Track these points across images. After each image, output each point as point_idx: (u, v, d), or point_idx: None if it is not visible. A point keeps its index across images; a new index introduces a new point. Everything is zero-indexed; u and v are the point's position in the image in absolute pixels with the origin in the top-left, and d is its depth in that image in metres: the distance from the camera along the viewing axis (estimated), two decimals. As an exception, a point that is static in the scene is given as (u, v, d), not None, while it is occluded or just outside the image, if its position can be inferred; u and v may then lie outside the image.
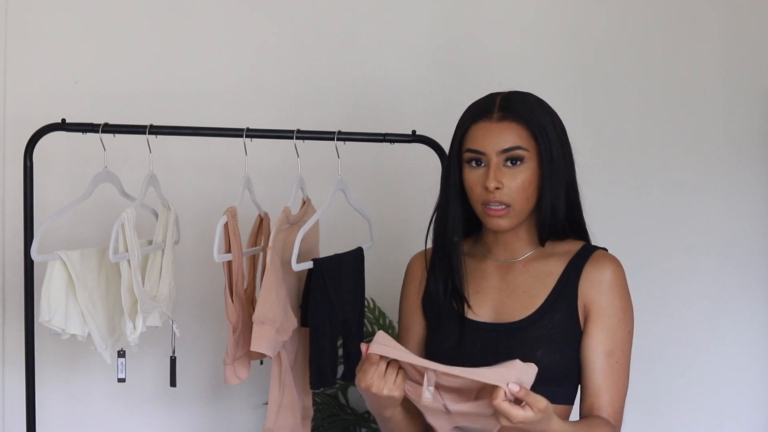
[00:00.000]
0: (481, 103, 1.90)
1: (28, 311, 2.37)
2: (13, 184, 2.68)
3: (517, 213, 1.86)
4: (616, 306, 1.88)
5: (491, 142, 1.84)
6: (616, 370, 1.87)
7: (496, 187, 1.83)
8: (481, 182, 1.85)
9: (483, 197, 1.86)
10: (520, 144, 1.84)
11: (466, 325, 1.92)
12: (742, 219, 2.92)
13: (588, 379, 1.88)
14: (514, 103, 1.87)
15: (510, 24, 2.89)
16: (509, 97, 1.89)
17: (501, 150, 1.84)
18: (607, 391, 1.86)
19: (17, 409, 2.65)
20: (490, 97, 1.90)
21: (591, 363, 1.87)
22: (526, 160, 1.84)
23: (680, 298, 2.91)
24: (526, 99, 1.89)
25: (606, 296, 1.88)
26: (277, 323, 2.11)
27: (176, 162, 2.73)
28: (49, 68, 2.78)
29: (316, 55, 2.84)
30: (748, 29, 2.92)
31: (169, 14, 2.82)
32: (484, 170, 1.85)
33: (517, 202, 1.85)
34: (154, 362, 2.74)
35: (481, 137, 1.85)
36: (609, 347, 1.86)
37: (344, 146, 2.32)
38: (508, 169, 1.84)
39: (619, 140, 2.91)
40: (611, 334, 1.87)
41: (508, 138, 1.84)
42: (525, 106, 1.87)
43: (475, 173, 1.87)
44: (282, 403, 2.23)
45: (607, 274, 1.89)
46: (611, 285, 1.89)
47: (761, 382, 2.93)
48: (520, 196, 1.85)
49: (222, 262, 2.19)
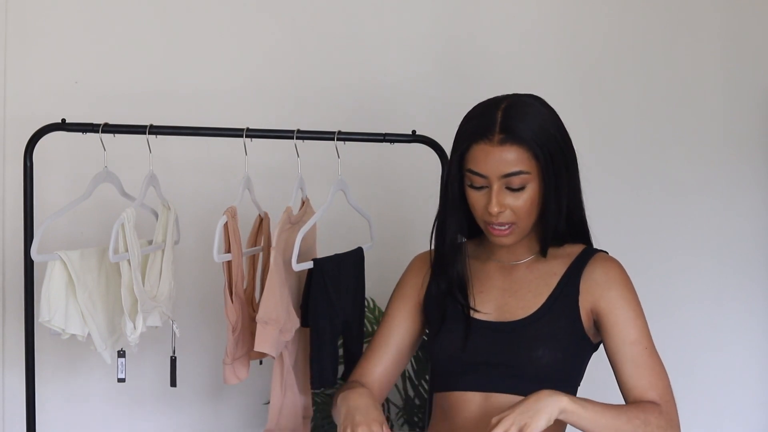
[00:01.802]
0: (480, 120, 1.86)
1: (28, 311, 2.37)
2: (13, 184, 2.68)
3: (521, 229, 1.87)
4: (628, 298, 1.88)
5: (492, 167, 1.82)
6: (648, 356, 1.84)
7: (499, 212, 1.83)
8: (483, 204, 1.85)
9: (486, 218, 1.86)
10: (522, 168, 1.82)
11: (471, 324, 1.93)
12: (742, 219, 2.92)
13: (622, 374, 1.85)
14: (515, 122, 1.82)
15: (510, 24, 2.89)
16: (509, 113, 1.84)
17: (502, 175, 1.82)
18: (645, 377, 1.83)
19: (17, 409, 2.65)
20: (489, 112, 1.85)
21: (620, 357, 1.85)
22: (529, 181, 1.83)
23: (680, 298, 2.90)
24: (526, 113, 1.85)
25: (616, 291, 1.88)
26: (281, 323, 2.11)
27: (176, 162, 2.73)
28: (49, 68, 2.78)
29: (316, 55, 2.84)
30: (748, 29, 2.91)
31: (170, 14, 2.82)
32: (486, 192, 1.84)
33: (521, 220, 1.86)
34: (154, 362, 2.73)
35: (482, 161, 1.83)
36: (633, 337, 1.85)
37: (344, 146, 2.32)
38: (510, 192, 1.84)
39: (619, 140, 2.91)
40: (632, 324, 1.86)
41: (510, 162, 1.81)
42: (526, 124, 1.82)
43: (477, 194, 1.86)
44: (284, 403, 2.23)
45: (611, 271, 1.90)
46: (619, 280, 1.89)
47: (761, 382, 2.93)
48: (524, 214, 1.85)
49: (222, 262, 2.19)
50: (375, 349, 2.06)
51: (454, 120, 1.93)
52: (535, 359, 1.86)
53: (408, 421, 2.73)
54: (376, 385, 2.02)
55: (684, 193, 2.91)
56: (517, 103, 1.87)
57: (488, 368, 1.89)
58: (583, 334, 1.90)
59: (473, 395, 1.90)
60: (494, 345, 1.89)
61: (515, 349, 1.87)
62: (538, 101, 1.90)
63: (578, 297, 1.89)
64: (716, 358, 2.92)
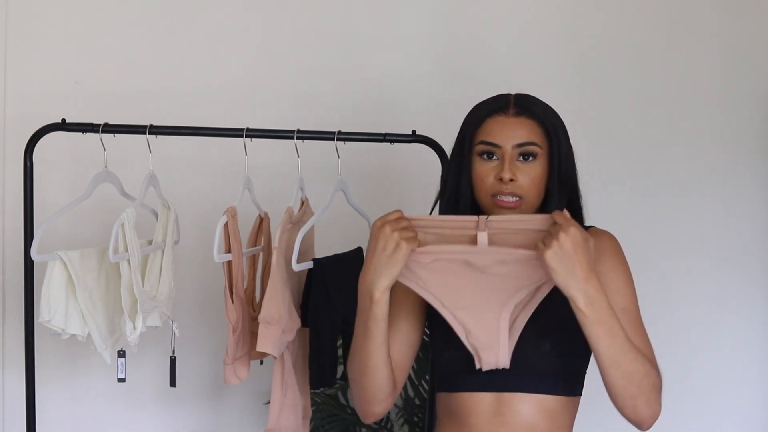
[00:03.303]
0: (494, 100, 1.92)
1: (28, 311, 2.37)
2: (13, 184, 2.68)
3: (528, 206, 1.87)
4: (619, 269, 1.88)
5: (507, 136, 1.85)
6: (636, 324, 1.84)
7: (511, 179, 1.84)
8: (495, 174, 1.86)
9: (495, 188, 1.86)
10: (535, 140, 1.86)
11: None
12: (742, 219, 2.92)
13: None
14: (528, 102, 1.90)
15: (510, 24, 2.89)
16: (522, 96, 1.91)
17: (517, 144, 1.85)
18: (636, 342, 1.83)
19: (17, 409, 2.65)
20: (502, 95, 1.92)
21: None
22: (539, 156, 1.86)
23: (680, 298, 2.91)
24: (537, 99, 1.92)
25: (608, 260, 1.88)
26: (283, 323, 2.11)
27: (176, 162, 2.73)
28: (49, 68, 2.78)
29: (316, 55, 2.85)
30: (747, 29, 2.91)
31: (169, 14, 2.82)
32: (498, 163, 1.87)
33: (529, 196, 1.86)
34: (154, 362, 2.74)
35: (497, 131, 1.86)
36: (622, 305, 1.85)
37: (344, 146, 2.32)
38: (521, 163, 1.86)
39: (618, 140, 2.91)
40: (622, 293, 1.86)
41: (524, 133, 1.86)
42: (538, 105, 1.90)
43: (487, 165, 1.88)
44: (284, 403, 2.23)
45: (604, 241, 1.90)
46: (611, 250, 1.89)
47: (761, 382, 2.93)
48: (533, 190, 1.86)
49: (222, 262, 2.19)
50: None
51: (454, 120, 1.93)
52: (543, 355, 1.86)
53: (408, 421, 2.73)
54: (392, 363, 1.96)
55: (683, 194, 2.91)
56: (527, 94, 1.94)
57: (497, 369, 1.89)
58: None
59: (484, 396, 1.90)
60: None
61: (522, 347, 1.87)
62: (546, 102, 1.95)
63: None
64: (716, 358, 2.92)
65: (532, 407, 1.86)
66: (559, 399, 1.87)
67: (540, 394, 1.86)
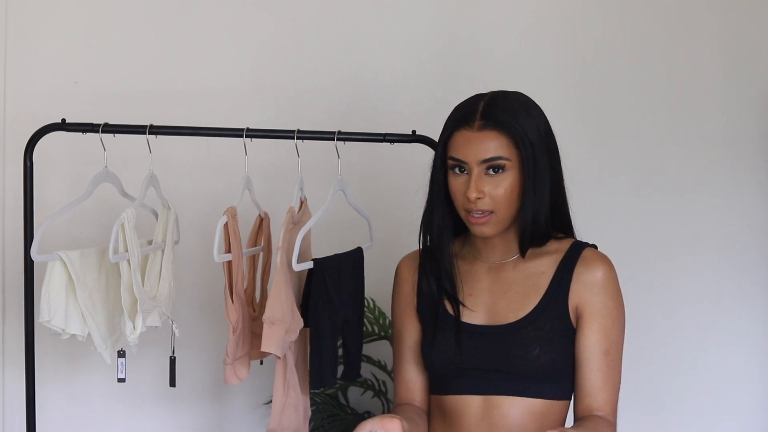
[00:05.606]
0: (463, 108, 1.89)
1: (28, 311, 2.37)
2: (13, 184, 2.68)
3: (499, 219, 1.86)
4: (610, 306, 1.89)
5: (472, 152, 1.84)
6: (612, 368, 1.88)
7: (477, 197, 1.83)
8: (463, 190, 1.86)
9: (465, 205, 1.86)
10: (501, 154, 1.83)
11: (462, 329, 1.93)
12: (742, 219, 2.92)
13: (584, 378, 1.88)
14: (496, 110, 1.85)
15: (509, 24, 2.89)
16: (492, 102, 1.87)
17: (481, 160, 1.84)
18: (605, 390, 1.86)
19: (17, 409, 2.65)
20: (473, 102, 1.89)
21: (587, 363, 1.87)
22: (508, 168, 1.84)
23: (680, 298, 2.90)
24: (509, 103, 1.87)
25: (599, 296, 1.88)
26: (287, 323, 2.11)
27: (176, 162, 2.73)
28: (49, 68, 2.78)
29: (315, 54, 2.84)
30: (747, 29, 2.91)
31: (169, 14, 2.82)
32: (467, 178, 1.85)
33: (499, 209, 1.85)
34: (154, 362, 2.74)
35: (462, 146, 1.85)
36: (605, 346, 1.87)
37: (344, 146, 2.32)
38: (490, 177, 1.84)
39: (617, 140, 2.91)
40: (606, 334, 1.88)
41: (489, 147, 1.83)
42: (507, 112, 1.85)
43: (458, 180, 1.87)
44: (286, 403, 2.23)
45: (598, 274, 1.89)
46: (604, 285, 1.89)
47: (761, 382, 2.93)
48: (503, 203, 1.85)
49: (222, 262, 2.19)
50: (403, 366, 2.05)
51: (455, 120, 1.93)
52: (531, 360, 1.86)
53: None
54: (424, 400, 2.03)
55: (683, 193, 2.91)
56: (500, 95, 1.90)
57: (485, 372, 1.89)
58: (574, 330, 1.90)
59: (472, 398, 1.90)
60: (488, 349, 1.89)
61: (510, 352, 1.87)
62: (521, 96, 1.92)
63: (568, 299, 1.89)
64: (716, 358, 2.92)
65: (521, 410, 1.87)
66: (548, 403, 1.88)
67: (528, 398, 1.87)
